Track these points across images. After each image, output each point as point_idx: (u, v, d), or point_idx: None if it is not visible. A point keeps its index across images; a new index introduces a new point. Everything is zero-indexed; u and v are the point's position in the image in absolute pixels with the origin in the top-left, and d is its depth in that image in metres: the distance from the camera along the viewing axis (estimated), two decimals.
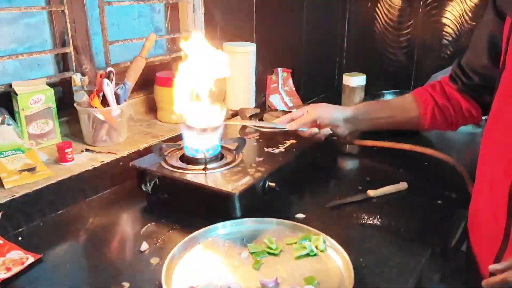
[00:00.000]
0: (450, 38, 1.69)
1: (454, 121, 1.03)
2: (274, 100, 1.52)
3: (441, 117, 1.03)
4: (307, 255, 0.76)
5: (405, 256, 0.77)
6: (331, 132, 1.09)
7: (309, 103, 1.57)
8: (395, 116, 1.09)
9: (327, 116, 1.06)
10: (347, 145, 1.23)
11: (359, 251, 0.77)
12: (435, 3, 1.68)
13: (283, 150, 1.03)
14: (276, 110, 1.39)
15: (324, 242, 0.78)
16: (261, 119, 1.25)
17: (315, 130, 1.05)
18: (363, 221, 0.88)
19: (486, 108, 0.92)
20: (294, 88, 1.57)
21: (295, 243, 0.79)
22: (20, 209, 0.86)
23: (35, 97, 1.02)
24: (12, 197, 0.85)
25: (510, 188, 0.72)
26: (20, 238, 0.83)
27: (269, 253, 0.77)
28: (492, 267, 0.67)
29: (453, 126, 1.05)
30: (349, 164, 1.22)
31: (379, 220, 0.88)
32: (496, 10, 0.84)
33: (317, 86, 1.76)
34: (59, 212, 0.92)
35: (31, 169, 0.92)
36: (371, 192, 0.97)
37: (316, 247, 0.77)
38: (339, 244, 0.76)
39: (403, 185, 1.00)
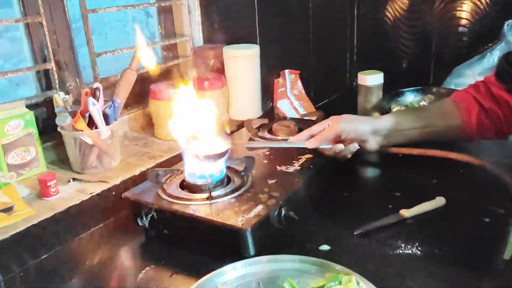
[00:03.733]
0: (468, 25, 1.55)
1: (505, 127, 0.89)
2: (283, 105, 1.39)
3: (489, 124, 0.89)
4: None
5: None
6: (359, 148, 0.95)
7: (320, 108, 1.43)
8: (434, 125, 0.95)
9: (352, 130, 0.91)
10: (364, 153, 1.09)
11: None
12: None
13: (299, 167, 0.89)
14: (286, 118, 1.25)
15: (358, 283, 0.64)
16: (270, 131, 1.11)
17: (341, 146, 0.90)
18: (400, 251, 0.74)
19: None
20: (303, 91, 1.43)
21: (323, 286, 0.66)
22: None
23: (12, 122, 0.89)
24: None
25: None
26: None
27: None
28: None
29: (504, 133, 0.90)
30: (373, 177, 1.07)
31: (419, 248, 0.74)
32: None
33: (329, 87, 1.62)
34: (41, 258, 0.78)
35: (8, 209, 0.79)
36: (405, 212, 0.83)
37: None
38: (375, 285, 0.62)
39: (440, 201, 0.86)
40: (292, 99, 1.41)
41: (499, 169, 0.91)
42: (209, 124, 0.79)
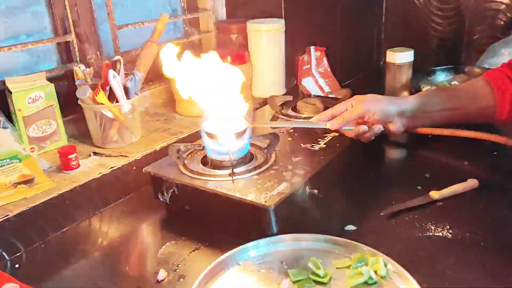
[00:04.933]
0: (504, 2, 1.46)
1: None
2: (307, 83, 1.34)
3: None
4: (365, 283, 0.60)
5: (491, 279, 0.60)
6: (383, 129, 0.91)
7: (346, 86, 1.39)
8: (465, 106, 0.91)
9: (377, 110, 0.87)
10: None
11: (430, 275, 0.61)
12: None
13: (324, 146, 0.86)
14: (310, 95, 1.21)
15: (385, 265, 0.62)
16: (294, 108, 1.07)
17: (364, 128, 0.86)
18: (430, 233, 0.71)
19: None
20: (329, 69, 1.39)
21: (348, 267, 0.63)
22: (16, 230, 0.72)
23: (32, 94, 0.88)
24: (6, 217, 0.71)
25: None
26: (17, 266, 0.70)
27: (316, 282, 0.61)
28: None
29: None
30: (402, 158, 1.03)
31: (450, 231, 0.71)
32: None
33: (355, 65, 1.56)
34: (62, 231, 0.78)
35: (29, 181, 0.78)
36: (435, 194, 0.79)
37: (376, 273, 0.61)
38: (404, 267, 0.60)
39: (472, 183, 0.82)
40: (317, 77, 1.37)
41: None
42: (234, 93, 0.76)
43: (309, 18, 1.38)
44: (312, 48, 1.34)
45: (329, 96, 1.25)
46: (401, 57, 1.22)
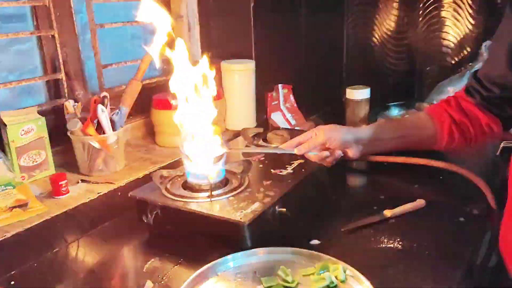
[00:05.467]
0: (451, 45, 1.65)
1: (473, 138, 0.98)
2: (276, 117, 1.47)
3: (459, 135, 0.98)
4: (327, 287, 0.70)
5: (434, 282, 0.71)
6: (343, 155, 1.03)
7: (311, 120, 1.52)
8: (410, 135, 1.04)
9: (337, 138, 0.99)
10: (355, 161, 1.17)
11: (383, 279, 0.71)
12: (433, 11, 1.64)
13: (291, 171, 0.97)
14: (279, 128, 1.33)
15: (344, 271, 0.72)
16: (264, 139, 1.19)
17: (326, 153, 0.98)
18: (384, 245, 0.82)
19: (507, 121, 0.87)
20: (295, 105, 1.52)
21: (313, 274, 0.73)
22: (12, 249, 0.79)
23: (25, 127, 0.96)
24: (3, 237, 0.78)
25: None
26: (12, 283, 0.76)
27: (285, 287, 0.70)
28: None
29: (472, 143, 0.99)
30: (361, 182, 1.16)
31: (400, 243, 0.82)
32: None
33: (319, 101, 1.70)
34: (54, 251, 0.85)
35: (23, 205, 0.85)
36: (388, 212, 0.91)
37: (336, 278, 0.71)
38: (361, 272, 0.70)
39: (420, 203, 0.94)
40: (284, 111, 1.50)
41: (474, 175, 0.99)
42: (208, 127, 0.87)
43: (277, 59, 1.52)
44: (280, 86, 1.48)
45: (296, 128, 1.37)
46: (358, 94, 1.36)
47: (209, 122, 0.88)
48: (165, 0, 1.35)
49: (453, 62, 1.67)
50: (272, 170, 0.97)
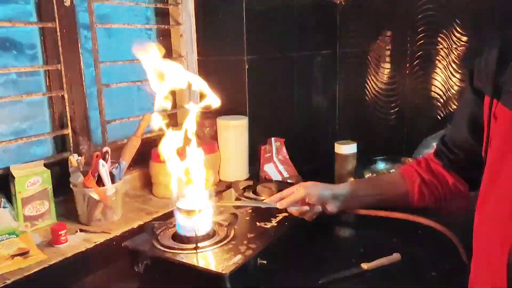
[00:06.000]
0: (440, 100, 1.74)
1: (442, 197, 1.05)
2: (269, 169, 1.55)
3: (428, 193, 1.05)
4: None
5: None
6: (321, 210, 1.10)
7: (303, 172, 1.59)
8: (384, 193, 1.11)
9: (315, 194, 1.07)
10: (343, 214, 1.23)
11: None
12: (421, 70, 1.74)
13: (275, 224, 1.04)
14: (271, 181, 1.41)
15: None
16: (254, 191, 1.26)
17: (306, 208, 1.06)
18: None
19: (473, 182, 0.94)
20: (288, 157, 1.60)
21: None
22: None
23: (32, 179, 1.05)
24: (4, 284, 0.85)
25: (508, 262, 0.72)
26: None
27: None
28: None
29: (442, 201, 1.06)
30: (344, 234, 1.21)
31: None
32: (473, 89, 0.86)
33: (311, 154, 1.79)
34: None
35: (24, 254, 0.92)
36: (365, 266, 0.96)
37: None
38: None
39: (396, 257, 1.00)
40: (277, 163, 1.58)
41: (447, 230, 1.05)
42: (199, 183, 0.95)
43: (270, 114, 1.61)
44: (273, 139, 1.57)
45: (287, 181, 1.45)
46: (346, 149, 1.45)
47: (200, 177, 0.97)
48: None
49: (441, 116, 1.75)
50: (257, 223, 1.04)
